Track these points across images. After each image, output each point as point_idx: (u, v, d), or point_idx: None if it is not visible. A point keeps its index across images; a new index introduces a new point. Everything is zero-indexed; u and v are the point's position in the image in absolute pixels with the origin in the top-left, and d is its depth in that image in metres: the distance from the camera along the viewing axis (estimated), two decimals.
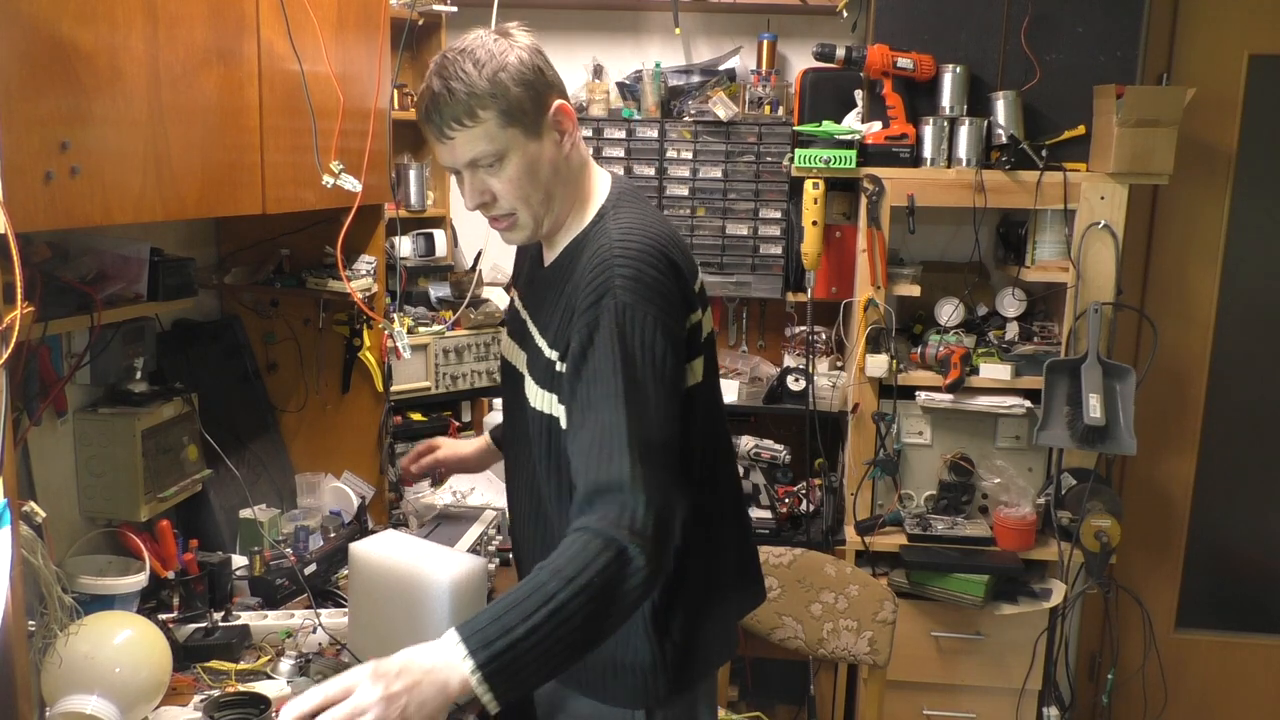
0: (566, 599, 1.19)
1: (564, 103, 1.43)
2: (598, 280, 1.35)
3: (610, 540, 1.23)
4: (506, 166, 1.41)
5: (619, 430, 1.28)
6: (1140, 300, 3.06)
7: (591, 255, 1.40)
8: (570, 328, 1.37)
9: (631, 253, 1.37)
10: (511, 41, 1.40)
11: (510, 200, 1.43)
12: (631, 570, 1.23)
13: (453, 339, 2.81)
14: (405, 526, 2.47)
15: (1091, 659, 3.21)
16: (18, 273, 1.15)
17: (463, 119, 1.37)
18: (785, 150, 2.93)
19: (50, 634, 1.49)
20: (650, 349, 1.33)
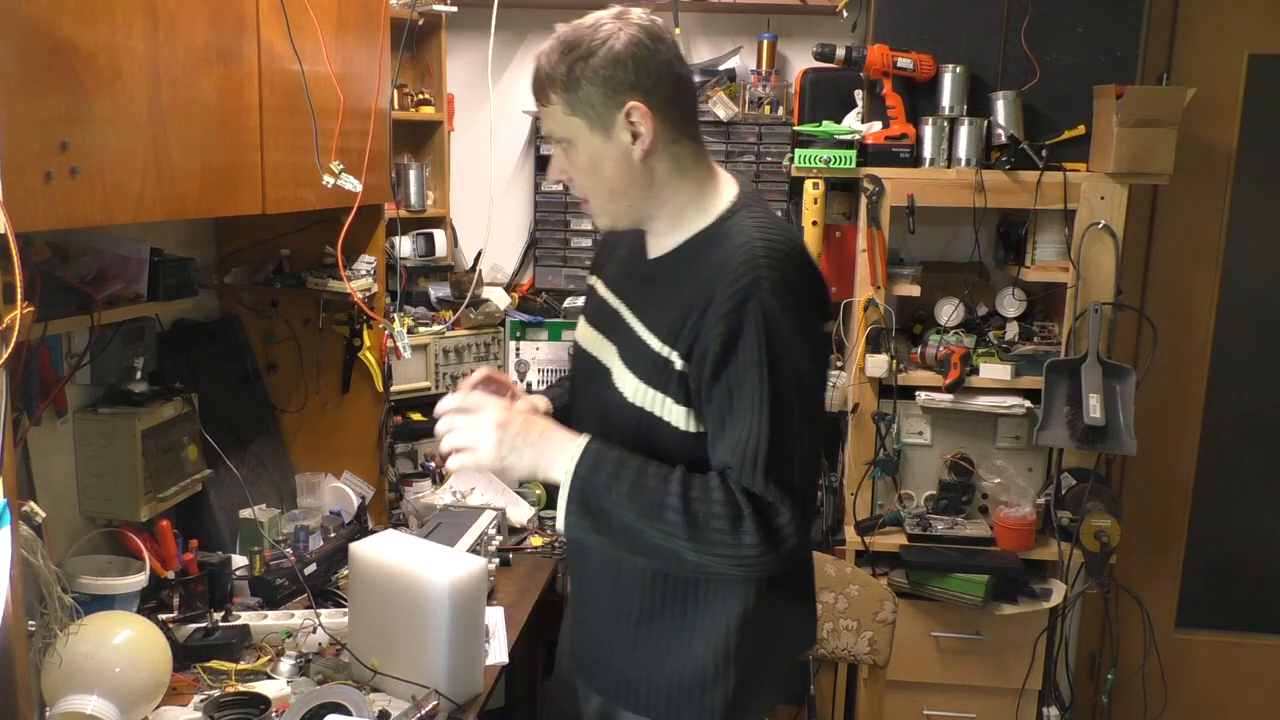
0: (670, 510, 1.28)
1: (640, 104, 1.35)
2: (743, 281, 1.31)
3: (740, 510, 1.28)
4: (574, 154, 1.41)
5: (761, 442, 1.29)
6: (1140, 300, 3.05)
7: (729, 254, 1.35)
8: (703, 327, 1.33)
9: (779, 255, 1.33)
10: (617, 27, 1.36)
11: (579, 186, 1.45)
12: (734, 545, 1.28)
13: (453, 339, 2.81)
14: (405, 526, 2.48)
15: (1091, 659, 3.21)
16: (18, 273, 1.15)
17: (540, 97, 1.40)
18: (785, 150, 2.93)
19: (50, 634, 1.49)
20: (796, 359, 1.31)
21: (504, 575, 2.33)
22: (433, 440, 2.75)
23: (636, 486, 1.30)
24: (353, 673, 1.76)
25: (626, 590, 1.49)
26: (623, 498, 1.30)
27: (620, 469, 1.32)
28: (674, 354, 1.37)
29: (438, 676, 1.67)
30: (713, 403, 1.33)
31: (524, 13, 3.04)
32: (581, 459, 1.33)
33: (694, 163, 1.44)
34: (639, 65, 1.35)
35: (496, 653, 1.93)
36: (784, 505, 1.29)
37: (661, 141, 1.39)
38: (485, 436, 1.35)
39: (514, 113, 3.12)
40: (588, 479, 1.32)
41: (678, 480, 1.31)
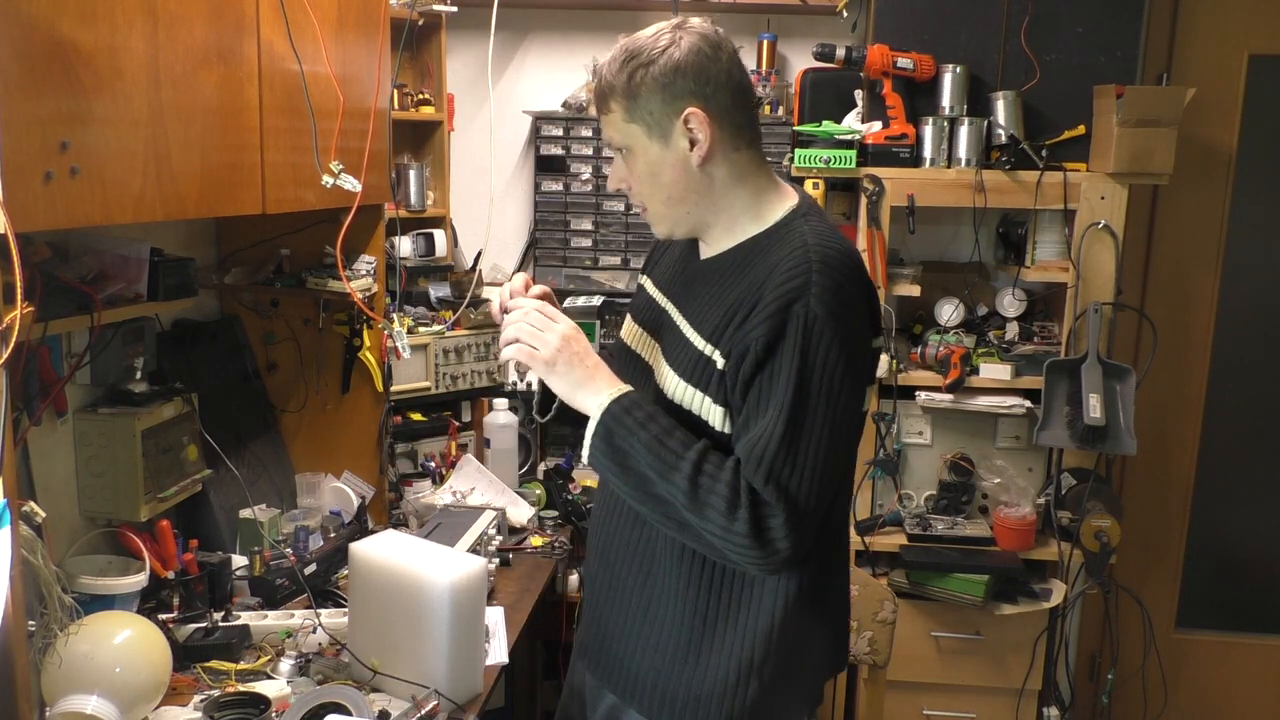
0: (680, 474, 1.31)
1: (698, 110, 1.37)
2: (793, 284, 1.32)
3: (739, 498, 1.29)
4: (633, 161, 1.43)
5: (772, 442, 1.30)
6: (1140, 300, 3.05)
7: (782, 258, 1.36)
8: (748, 327, 1.34)
9: (833, 262, 1.34)
10: (677, 36, 1.38)
11: (637, 193, 1.47)
12: (725, 528, 1.30)
13: (453, 339, 2.81)
14: (405, 526, 2.48)
15: (1091, 659, 3.21)
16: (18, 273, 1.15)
17: (600, 105, 1.43)
18: (785, 150, 2.93)
19: (50, 634, 1.49)
20: (831, 370, 1.31)
21: (504, 575, 2.33)
22: (432, 440, 2.79)
23: (658, 441, 1.34)
24: (353, 673, 1.76)
25: (654, 592, 1.49)
26: (643, 445, 1.34)
27: (650, 420, 1.36)
28: (716, 353, 1.38)
29: (438, 676, 1.67)
30: (748, 400, 1.35)
31: (524, 13, 3.04)
32: (619, 398, 1.38)
33: (754, 171, 1.45)
34: (698, 73, 1.37)
35: (496, 653, 1.93)
36: (779, 509, 1.29)
37: (720, 148, 1.40)
38: (550, 341, 1.39)
39: (514, 113, 3.12)
40: (617, 417, 1.36)
41: (697, 450, 1.33)
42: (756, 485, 1.30)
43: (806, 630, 1.47)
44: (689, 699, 1.46)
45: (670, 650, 1.47)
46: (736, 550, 1.31)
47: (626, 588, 1.53)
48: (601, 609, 1.59)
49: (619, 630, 1.55)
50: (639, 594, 1.51)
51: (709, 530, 1.32)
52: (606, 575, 1.58)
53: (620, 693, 1.55)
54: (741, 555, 1.32)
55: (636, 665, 1.51)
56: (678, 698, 1.47)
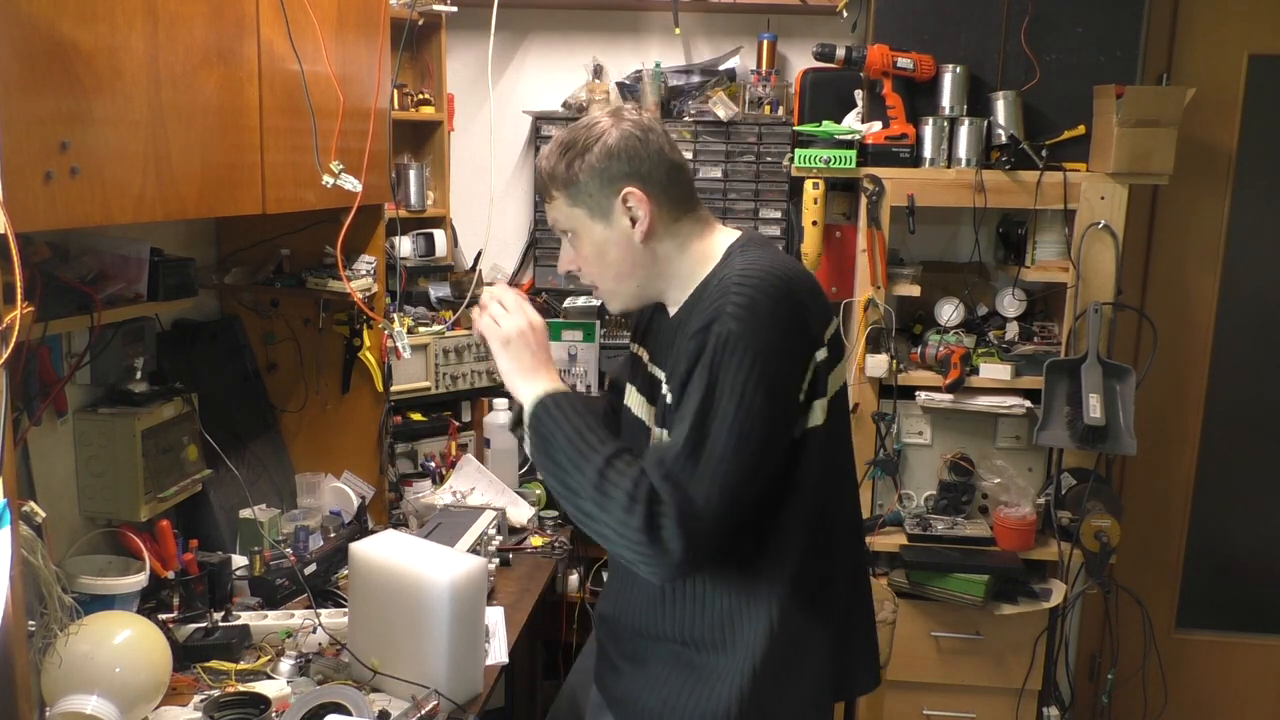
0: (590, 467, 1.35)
1: (635, 190, 1.44)
2: (710, 309, 1.37)
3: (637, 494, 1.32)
4: (580, 243, 1.52)
5: (677, 444, 1.34)
6: (1140, 300, 3.05)
7: (712, 290, 1.42)
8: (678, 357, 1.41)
9: (751, 280, 1.38)
10: (612, 124, 1.47)
11: (587, 274, 1.55)
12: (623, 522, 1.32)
13: (453, 339, 2.81)
14: (405, 526, 2.48)
15: (1091, 659, 3.21)
16: (18, 273, 1.15)
17: (544, 192, 1.53)
18: (785, 150, 2.93)
19: (50, 634, 1.49)
20: (738, 379, 1.33)
21: (504, 575, 2.33)
22: (432, 440, 2.79)
23: (579, 434, 1.39)
24: (353, 673, 1.76)
25: (652, 631, 1.51)
26: (564, 436, 1.39)
27: (576, 415, 1.41)
28: (665, 384, 1.47)
29: (438, 676, 1.67)
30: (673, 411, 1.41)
31: (524, 13, 3.04)
32: (555, 392, 1.45)
33: (696, 235, 1.51)
34: (632, 156, 1.45)
35: (496, 653, 1.93)
36: (673, 510, 1.30)
37: (660, 222, 1.48)
38: (513, 324, 1.48)
39: (514, 113, 3.12)
40: (548, 407, 1.43)
41: (612, 448, 1.38)
42: (656, 484, 1.32)
43: (801, 651, 1.47)
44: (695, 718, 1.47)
45: (673, 686, 1.49)
46: (631, 547, 1.33)
47: (631, 624, 1.56)
48: (610, 640, 1.62)
49: (625, 664, 1.57)
50: (641, 633, 1.54)
51: (609, 524, 1.35)
52: (617, 609, 1.60)
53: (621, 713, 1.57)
54: (635, 553, 1.34)
55: (640, 701, 1.53)
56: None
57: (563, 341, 2.98)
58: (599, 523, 1.36)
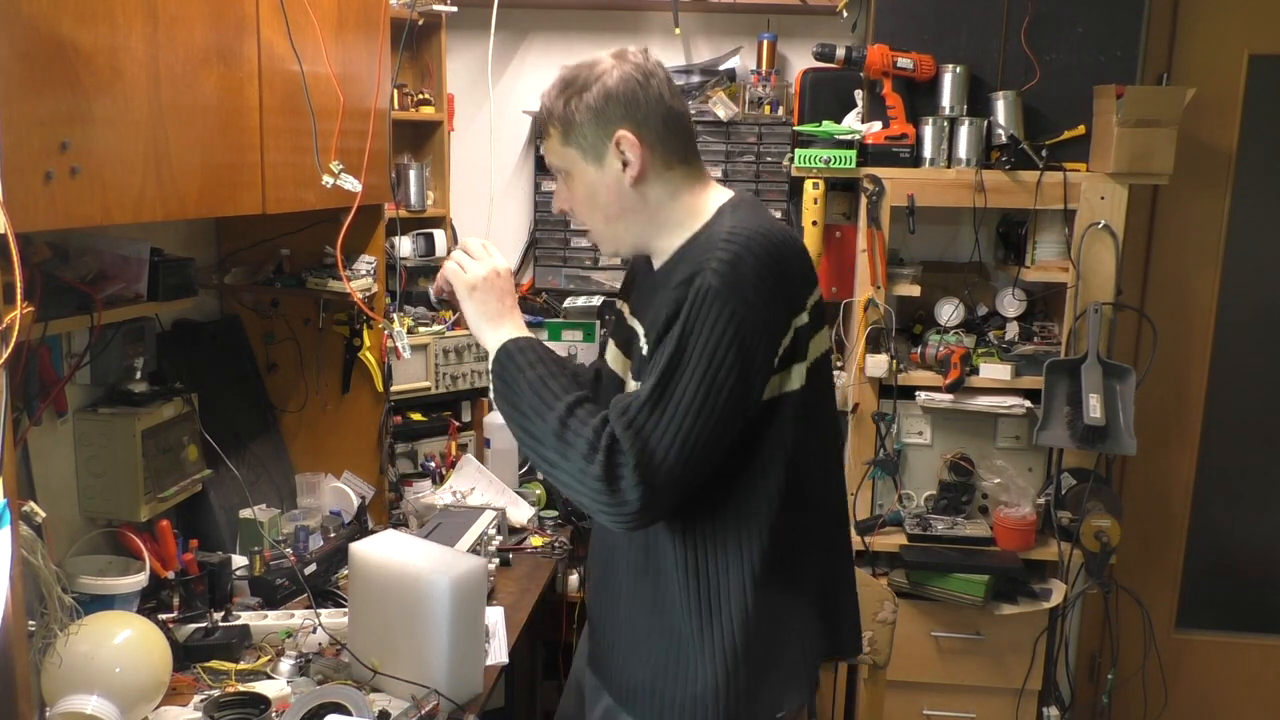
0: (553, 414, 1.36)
1: (629, 134, 1.44)
2: (696, 262, 1.38)
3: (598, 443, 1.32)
4: (572, 184, 1.52)
5: (642, 393, 1.35)
6: (1140, 300, 3.05)
7: (700, 245, 1.43)
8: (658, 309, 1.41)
9: (738, 239, 1.38)
10: (613, 65, 1.47)
11: (578, 215, 1.55)
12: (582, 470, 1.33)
13: (453, 339, 2.81)
14: (405, 526, 2.48)
15: (1091, 659, 3.21)
16: (18, 273, 1.15)
17: (542, 129, 1.53)
18: (785, 150, 2.93)
19: (50, 634, 1.49)
20: (712, 334, 1.33)
21: (504, 575, 2.33)
22: (432, 440, 2.79)
23: (542, 381, 1.40)
24: (353, 673, 1.76)
25: (638, 604, 1.52)
26: (526, 384, 1.41)
27: (539, 362, 1.43)
28: (644, 336, 1.47)
29: (438, 676, 1.67)
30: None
31: (524, 13, 3.04)
32: (519, 339, 1.46)
33: (689, 185, 1.51)
34: (629, 100, 1.45)
35: (496, 653, 1.93)
36: (631, 457, 1.31)
37: (652, 168, 1.48)
38: (480, 271, 1.51)
39: (514, 113, 3.12)
40: (511, 354, 1.44)
41: (574, 397, 1.38)
42: (617, 431, 1.33)
43: (783, 611, 1.48)
44: (686, 699, 1.47)
45: (660, 658, 1.49)
46: (590, 495, 1.34)
47: (617, 600, 1.57)
48: (599, 619, 1.64)
49: (614, 640, 1.58)
50: (626, 607, 1.55)
51: (569, 470, 1.35)
52: (603, 586, 1.62)
53: (619, 700, 1.57)
54: (594, 501, 1.35)
55: (631, 676, 1.54)
56: (675, 701, 1.48)
57: (563, 341, 2.98)
58: (560, 469, 1.37)
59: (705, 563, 1.45)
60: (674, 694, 1.48)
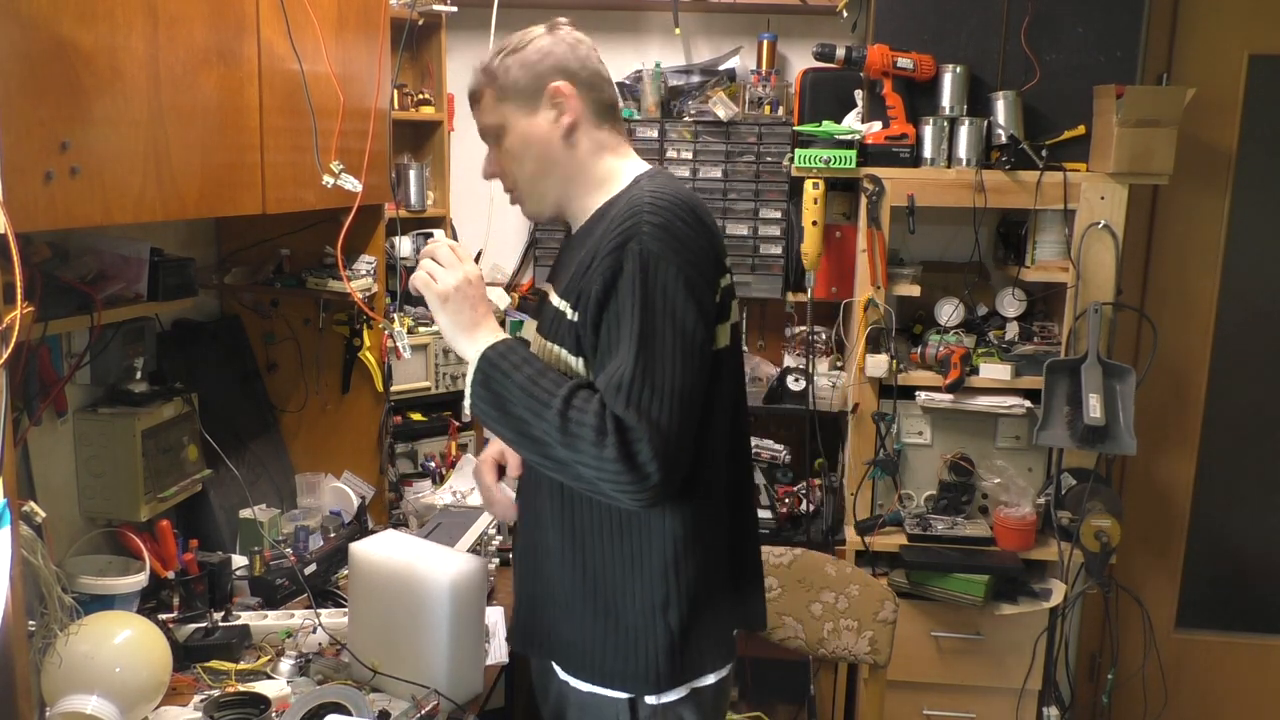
0: (551, 411, 1.35)
1: (561, 84, 1.50)
2: (625, 226, 1.39)
3: (605, 427, 1.33)
4: (505, 139, 1.54)
5: (627, 370, 1.35)
6: (1140, 300, 3.06)
7: (620, 209, 1.44)
8: (589, 274, 1.41)
9: (663, 204, 1.41)
10: (548, 30, 1.56)
11: (507, 175, 1.57)
12: (597, 458, 1.33)
13: None
14: (405, 526, 2.48)
15: (1091, 659, 3.21)
16: (18, 273, 1.15)
17: (473, 100, 1.56)
18: (785, 150, 2.93)
19: (50, 634, 1.49)
20: (671, 298, 1.37)
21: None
22: (433, 440, 2.79)
23: (531, 382, 1.39)
24: (353, 673, 1.76)
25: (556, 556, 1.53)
26: (517, 387, 1.39)
27: (525, 363, 1.41)
28: (566, 306, 1.46)
29: (438, 676, 1.67)
30: (598, 342, 1.41)
31: (524, 13, 3.03)
32: (497, 345, 1.44)
33: (612, 148, 1.55)
34: (561, 57, 1.53)
35: (496, 653, 1.93)
36: (643, 433, 1.33)
37: (583, 122, 1.52)
38: (451, 279, 1.48)
39: None
40: (494, 361, 1.42)
41: (568, 387, 1.38)
42: (619, 413, 1.34)
43: (704, 572, 1.50)
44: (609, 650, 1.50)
45: (580, 609, 1.51)
46: (610, 480, 1.34)
47: (536, 555, 1.57)
48: (522, 582, 1.63)
49: (539, 599, 1.58)
50: (545, 560, 1.55)
51: (582, 463, 1.35)
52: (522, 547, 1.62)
53: (552, 658, 1.58)
54: (615, 485, 1.35)
55: (559, 631, 1.55)
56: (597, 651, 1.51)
57: None
58: (571, 466, 1.37)
59: (634, 518, 1.47)
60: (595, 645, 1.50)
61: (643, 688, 1.50)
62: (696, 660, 1.52)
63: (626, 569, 1.48)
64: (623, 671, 1.50)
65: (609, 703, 1.51)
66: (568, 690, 1.57)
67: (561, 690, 1.59)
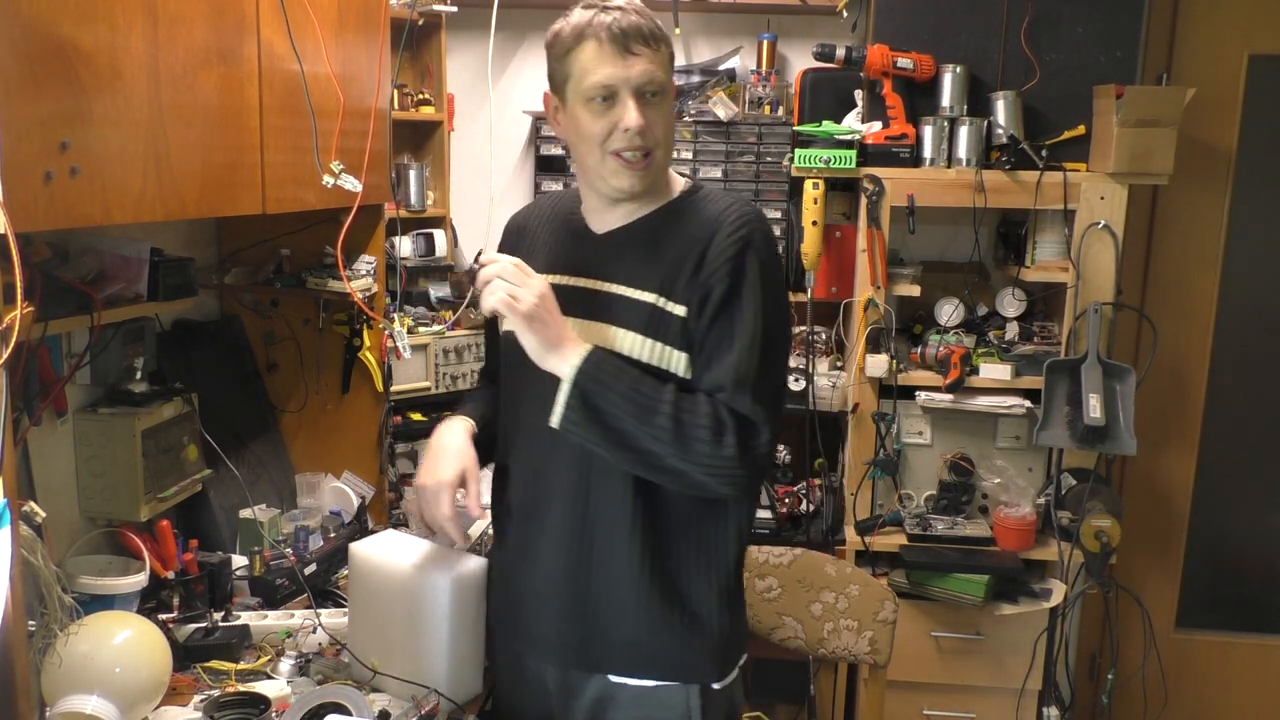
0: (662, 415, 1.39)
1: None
2: (741, 233, 1.46)
3: (723, 424, 1.39)
4: (663, 103, 1.49)
5: (752, 367, 1.42)
6: (1140, 300, 3.06)
7: (723, 212, 1.50)
8: (704, 275, 1.45)
9: (761, 218, 1.52)
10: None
11: (660, 134, 1.49)
12: (713, 455, 1.39)
13: (453, 339, 2.81)
14: (405, 526, 2.47)
15: (1091, 659, 3.21)
16: (18, 273, 1.15)
17: (651, 41, 1.46)
18: (785, 150, 2.93)
19: (50, 634, 1.49)
20: (782, 303, 1.52)
21: None
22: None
23: (634, 390, 1.41)
24: (353, 673, 1.76)
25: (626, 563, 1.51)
26: (619, 398, 1.40)
27: (621, 372, 1.42)
28: (669, 303, 1.47)
29: (438, 676, 1.66)
30: (710, 336, 1.45)
31: (524, 13, 3.04)
32: (589, 355, 1.42)
33: None
34: None
35: None
36: (764, 428, 1.42)
37: None
38: (528, 295, 1.42)
39: (514, 113, 3.12)
40: (590, 374, 1.41)
41: (670, 390, 1.42)
42: (742, 408, 1.41)
43: (741, 553, 1.59)
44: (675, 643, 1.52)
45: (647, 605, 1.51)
46: (722, 476, 1.41)
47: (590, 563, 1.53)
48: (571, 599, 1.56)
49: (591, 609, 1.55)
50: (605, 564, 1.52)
51: (695, 462, 1.40)
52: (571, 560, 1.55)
53: (606, 670, 1.56)
54: (725, 480, 1.42)
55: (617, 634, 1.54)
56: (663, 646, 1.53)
57: None
58: (681, 474, 1.42)
59: (706, 508, 1.52)
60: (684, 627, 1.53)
61: (708, 675, 1.54)
62: (744, 640, 1.62)
63: (697, 559, 1.53)
64: (689, 663, 1.54)
65: (672, 692, 1.54)
66: (616, 689, 1.57)
67: (604, 688, 1.58)
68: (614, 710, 1.58)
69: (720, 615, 1.54)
